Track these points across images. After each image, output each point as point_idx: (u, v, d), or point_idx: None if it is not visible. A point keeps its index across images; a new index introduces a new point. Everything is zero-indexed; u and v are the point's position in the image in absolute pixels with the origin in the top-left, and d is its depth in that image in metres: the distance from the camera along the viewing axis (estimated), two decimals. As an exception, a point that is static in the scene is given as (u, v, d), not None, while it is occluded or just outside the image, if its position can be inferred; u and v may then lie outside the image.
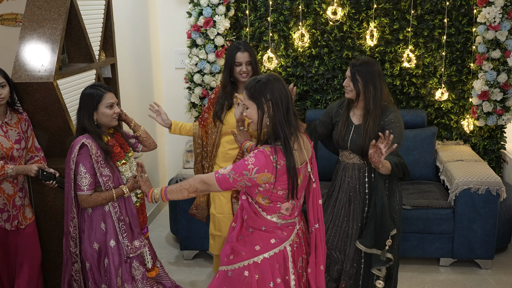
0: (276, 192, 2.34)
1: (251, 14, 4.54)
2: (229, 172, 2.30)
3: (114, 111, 2.91)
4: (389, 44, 4.48)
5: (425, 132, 4.38)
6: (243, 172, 2.28)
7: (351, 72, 3.07)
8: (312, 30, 4.52)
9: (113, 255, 2.89)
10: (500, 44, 4.19)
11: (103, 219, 2.90)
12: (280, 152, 2.29)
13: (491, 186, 3.79)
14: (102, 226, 2.90)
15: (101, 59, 3.79)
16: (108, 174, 2.87)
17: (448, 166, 4.13)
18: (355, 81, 3.04)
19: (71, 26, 3.43)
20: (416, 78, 4.51)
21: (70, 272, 2.99)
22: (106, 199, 2.86)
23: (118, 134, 3.06)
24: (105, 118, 2.89)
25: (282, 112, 2.31)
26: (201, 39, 4.42)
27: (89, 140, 2.83)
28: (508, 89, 4.25)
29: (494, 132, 4.50)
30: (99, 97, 2.87)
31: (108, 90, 2.92)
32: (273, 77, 2.36)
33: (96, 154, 2.83)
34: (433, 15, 4.39)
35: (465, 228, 3.86)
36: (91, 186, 2.84)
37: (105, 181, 2.86)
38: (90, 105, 2.87)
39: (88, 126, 2.86)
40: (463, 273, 3.91)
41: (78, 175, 2.83)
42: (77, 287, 3.00)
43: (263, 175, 2.27)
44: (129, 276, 2.95)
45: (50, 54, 3.13)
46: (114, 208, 2.90)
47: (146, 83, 4.83)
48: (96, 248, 2.90)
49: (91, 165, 2.82)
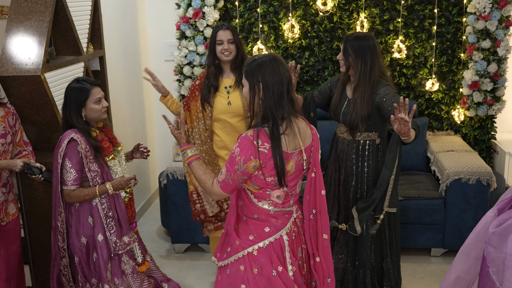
0: (264, 179, 2.26)
1: (240, 5, 4.50)
2: (225, 175, 2.25)
3: (103, 105, 2.87)
4: (380, 35, 4.47)
5: (416, 123, 4.38)
6: (235, 168, 2.22)
7: (343, 46, 3.08)
8: (302, 21, 4.50)
9: (101, 249, 2.86)
10: (490, 34, 4.19)
11: (90, 213, 2.87)
12: (265, 135, 2.21)
13: (482, 176, 3.80)
14: (89, 220, 2.87)
15: (89, 52, 3.75)
16: (96, 170, 2.84)
17: (439, 157, 4.14)
18: (347, 55, 3.05)
19: (58, 19, 3.38)
20: (406, 69, 4.51)
21: (58, 266, 2.97)
22: (89, 195, 2.82)
23: (107, 128, 3.03)
24: (94, 114, 2.85)
25: (274, 96, 2.22)
26: (191, 30, 4.38)
27: (78, 135, 2.79)
28: (498, 79, 4.26)
29: (484, 122, 4.51)
30: (86, 93, 2.81)
31: (95, 84, 2.87)
32: (270, 58, 2.27)
33: (86, 149, 2.79)
34: (423, 5, 4.38)
35: (456, 218, 3.88)
36: (76, 181, 2.81)
37: (93, 177, 2.83)
38: (77, 101, 2.81)
39: (76, 123, 2.81)
40: (454, 263, 3.93)
41: (63, 169, 2.80)
42: (65, 282, 2.98)
43: (251, 162, 2.20)
44: (118, 270, 2.93)
45: (37, 47, 3.09)
46: (101, 205, 2.86)
47: (135, 76, 4.79)
48: (84, 242, 2.88)
49: (78, 160, 2.79)
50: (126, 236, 2.95)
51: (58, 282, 3.00)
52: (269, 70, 2.22)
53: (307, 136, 2.34)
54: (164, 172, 4.11)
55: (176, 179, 4.00)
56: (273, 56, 2.29)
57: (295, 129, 2.27)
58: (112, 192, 2.86)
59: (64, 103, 2.87)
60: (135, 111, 4.81)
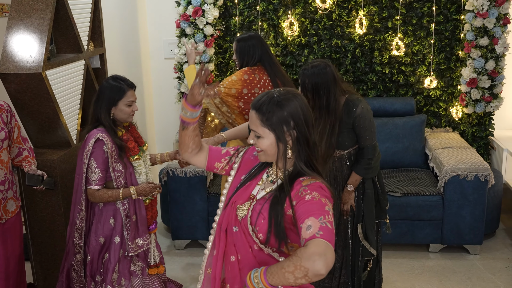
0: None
1: (240, 3, 4.52)
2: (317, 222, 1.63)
3: (133, 109, 2.83)
4: (378, 32, 4.49)
5: (414, 120, 4.40)
6: (326, 209, 1.68)
7: (300, 79, 2.99)
8: (302, 19, 4.52)
9: (114, 251, 2.85)
10: (488, 31, 4.21)
11: (113, 214, 2.85)
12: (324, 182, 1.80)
13: (480, 172, 3.83)
14: (111, 222, 2.86)
15: (89, 49, 3.77)
16: (120, 170, 2.81)
17: (437, 153, 4.17)
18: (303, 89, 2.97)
19: (59, 16, 3.40)
20: (405, 66, 4.53)
21: (70, 261, 2.96)
22: (112, 197, 2.79)
23: (133, 127, 2.97)
24: (122, 115, 2.82)
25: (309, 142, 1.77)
26: (190, 28, 4.40)
27: (105, 135, 2.76)
28: (496, 76, 4.28)
29: (482, 119, 4.54)
30: (121, 93, 2.78)
31: (131, 87, 2.84)
32: (294, 94, 1.79)
33: (111, 149, 2.77)
34: (421, 3, 4.40)
35: (454, 215, 3.91)
36: (100, 181, 2.79)
37: (117, 176, 2.81)
38: (110, 99, 2.77)
39: (104, 120, 2.78)
40: (452, 259, 3.96)
41: (89, 168, 2.78)
42: (76, 277, 2.97)
43: (330, 204, 1.73)
44: (127, 271, 2.91)
45: (38, 44, 3.10)
46: (123, 205, 2.84)
47: (136, 73, 4.81)
48: (101, 242, 2.87)
49: (104, 160, 2.77)
50: (140, 239, 2.91)
51: (68, 276, 2.99)
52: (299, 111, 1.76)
53: None
54: (164, 169, 4.14)
55: (176, 176, 4.02)
56: (292, 90, 1.82)
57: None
58: (136, 197, 2.82)
59: (96, 97, 2.83)
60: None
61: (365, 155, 3.02)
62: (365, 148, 3.02)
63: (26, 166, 3.04)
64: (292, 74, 4.62)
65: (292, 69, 4.63)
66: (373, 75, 4.55)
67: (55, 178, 3.23)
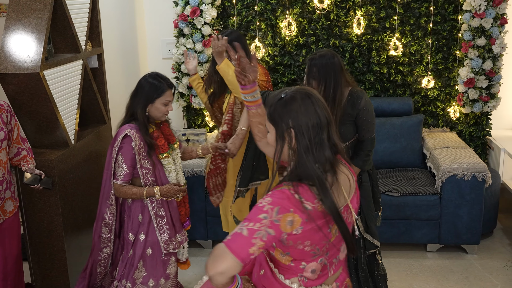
0: (301, 248, 1.72)
1: (238, 3, 4.53)
2: (241, 225, 1.65)
3: (168, 109, 2.83)
4: (376, 32, 4.50)
5: (412, 120, 4.41)
6: (258, 217, 1.63)
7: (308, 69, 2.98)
8: (299, 19, 4.52)
9: (139, 248, 2.84)
10: (485, 31, 4.22)
11: (141, 211, 2.85)
12: (308, 193, 1.68)
13: (477, 172, 3.84)
14: (139, 218, 2.86)
15: (87, 49, 3.77)
16: (148, 167, 2.80)
17: (434, 153, 4.18)
18: (312, 79, 2.96)
19: (56, 16, 3.40)
20: (402, 66, 4.54)
21: (96, 257, 2.96)
22: (136, 194, 2.78)
23: (165, 124, 2.96)
24: (157, 113, 2.81)
25: (311, 145, 1.69)
26: (188, 28, 4.40)
27: (134, 131, 2.76)
28: (493, 76, 4.29)
29: (479, 119, 4.55)
30: (160, 92, 2.78)
31: (171, 87, 2.84)
32: (302, 94, 1.73)
33: (139, 146, 2.76)
34: (419, 3, 4.41)
35: (451, 214, 3.92)
36: (126, 177, 2.79)
37: (144, 174, 2.79)
38: (148, 96, 2.78)
39: (139, 116, 2.78)
40: (449, 258, 3.97)
41: (116, 163, 2.78)
42: (101, 271, 2.97)
43: (288, 216, 1.64)
44: (163, 272, 2.91)
45: (36, 44, 3.10)
46: (151, 203, 2.82)
47: (133, 73, 4.81)
48: (131, 240, 2.86)
49: (131, 157, 2.76)
50: (179, 235, 2.92)
51: (91, 271, 2.99)
52: (302, 110, 1.70)
53: (352, 185, 1.84)
54: (162, 169, 4.14)
55: (174, 176, 4.03)
56: (305, 91, 1.76)
57: (340, 182, 1.75)
58: (159, 197, 2.80)
59: (135, 91, 2.84)
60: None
61: (364, 147, 3.05)
62: (366, 141, 3.05)
63: (24, 165, 3.04)
64: (290, 74, 4.62)
65: (290, 69, 4.63)
66: (371, 75, 4.56)
67: (53, 178, 3.23)
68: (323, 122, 1.71)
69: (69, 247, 3.44)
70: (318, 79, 2.92)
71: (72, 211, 3.49)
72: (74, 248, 3.53)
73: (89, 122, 3.99)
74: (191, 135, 4.20)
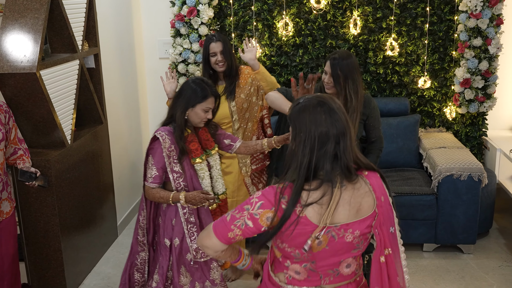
0: (283, 248, 1.79)
1: (235, 3, 4.53)
2: (231, 211, 1.81)
3: (207, 116, 2.76)
4: (372, 33, 4.51)
5: (408, 120, 4.42)
6: (244, 207, 1.77)
7: (331, 68, 3.02)
8: (296, 19, 4.53)
9: (175, 254, 2.78)
10: (481, 32, 4.23)
11: (175, 215, 2.79)
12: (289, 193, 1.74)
13: (473, 172, 3.85)
14: (173, 222, 2.80)
15: (84, 49, 3.77)
16: (179, 172, 2.72)
17: (431, 153, 4.19)
18: (336, 77, 3.00)
19: (53, 16, 3.40)
20: (399, 66, 4.55)
21: (133, 260, 2.92)
22: (163, 198, 2.70)
23: (204, 129, 2.86)
24: (196, 118, 2.75)
25: (311, 152, 1.71)
26: (185, 28, 4.40)
27: (165, 133, 2.70)
28: (489, 77, 4.31)
29: (476, 119, 4.56)
30: (203, 98, 2.71)
31: (214, 95, 2.76)
32: (315, 102, 1.76)
33: (169, 149, 2.69)
34: (415, 4, 4.42)
35: (447, 214, 3.93)
36: (156, 180, 2.71)
37: (175, 178, 2.72)
38: (190, 99, 2.71)
39: (177, 118, 2.72)
40: (446, 258, 3.98)
41: (147, 164, 2.74)
42: (138, 277, 2.91)
43: (268, 212, 1.73)
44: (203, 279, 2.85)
45: (32, 44, 3.10)
46: (183, 209, 2.76)
47: (130, 73, 4.81)
48: (166, 244, 2.82)
49: (160, 159, 2.69)
50: None
51: (130, 276, 2.94)
52: (311, 119, 1.72)
53: (363, 207, 1.79)
54: (159, 169, 4.13)
55: (171, 176, 4.02)
56: (321, 99, 1.77)
57: (336, 198, 1.73)
58: (184, 204, 2.71)
59: (178, 93, 2.78)
60: (130, 108, 4.83)
61: (377, 145, 3.22)
62: (378, 139, 3.22)
63: (20, 163, 3.04)
64: (286, 74, 4.63)
65: (286, 69, 4.64)
66: (367, 75, 4.57)
67: (49, 178, 3.23)
68: (331, 132, 1.71)
69: (65, 247, 3.44)
70: (344, 77, 2.98)
71: (68, 211, 3.49)
72: (71, 248, 3.53)
73: (86, 122, 3.99)
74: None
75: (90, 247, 3.86)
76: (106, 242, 4.17)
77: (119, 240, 4.36)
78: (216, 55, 3.34)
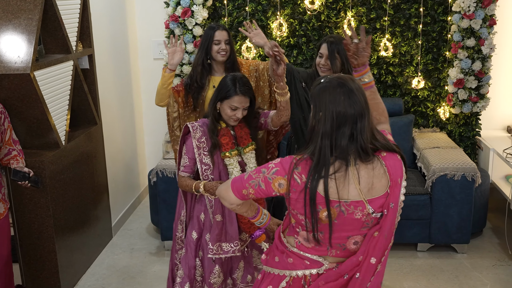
0: (295, 214, 1.91)
1: (229, 3, 4.53)
2: (249, 171, 1.96)
3: (236, 114, 2.68)
4: (366, 33, 4.51)
5: (403, 120, 4.44)
6: (261, 169, 1.91)
7: (328, 51, 3.03)
8: (290, 20, 4.54)
9: (207, 250, 2.77)
10: (474, 32, 4.25)
11: (204, 210, 2.79)
12: (307, 167, 1.83)
13: (467, 172, 3.87)
14: (201, 217, 2.81)
15: (78, 50, 3.76)
16: (208, 164, 2.71)
17: (425, 153, 4.20)
18: (333, 59, 3.03)
19: (47, 17, 3.39)
20: (393, 67, 4.57)
21: (173, 259, 2.93)
22: (188, 186, 2.71)
23: (241, 125, 2.78)
24: (224, 115, 2.71)
25: (331, 131, 1.81)
26: (179, 29, 4.40)
27: (197, 124, 2.71)
28: (483, 77, 4.33)
29: (469, 119, 4.58)
30: (228, 94, 2.66)
31: (243, 93, 2.66)
32: (335, 83, 1.84)
33: (199, 140, 2.69)
34: (409, 4, 4.44)
35: (441, 214, 3.94)
36: (187, 169, 2.72)
37: (204, 169, 2.70)
38: (219, 93, 2.69)
39: (209, 110, 2.73)
40: (440, 258, 4.00)
41: (181, 153, 2.75)
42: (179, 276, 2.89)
43: (280, 179, 1.87)
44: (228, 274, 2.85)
45: (26, 45, 3.09)
46: (210, 202, 2.75)
47: (124, 74, 4.80)
48: (193, 237, 2.81)
49: (190, 149, 2.70)
50: (227, 244, 2.76)
51: (173, 277, 2.93)
52: (331, 99, 1.82)
53: (376, 186, 1.86)
54: (153, 169, 4.13)
55: (165, 177, 4.02)
56: (342, 80, 1.86)
57: (351, 175, 1.82)
58: (203, 193, 2.68)
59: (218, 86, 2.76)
60: (124, 108, 4.83)
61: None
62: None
63: (13, 163, 3.03)
64: (281, 74, 4.63)
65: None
66: (362, 75, 4.58)
67: (43, 179, 3.22)
68: (349, 113, 1.80)
69: (60, 248, 3.44)
70: (341, 60, 3.02)
71: (63, 212, 3.48)
72: (65, 249, 3.53)
73: (80, 123, 3.98)
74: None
75: (85, 248, 3.86)
76: (100, 243, 4.16)
77: (114, 241, 4.35)
78: (220, 43, 3.20)
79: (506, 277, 3.72)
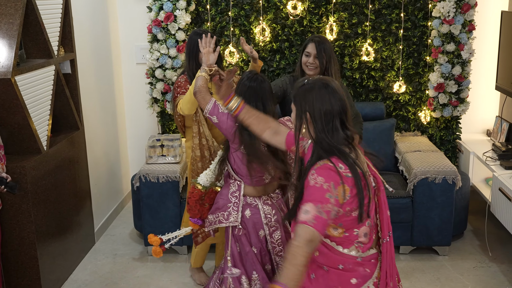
0: (350, 215, 1.97)
1: (212, 8, 4.54)
2: (314, 209, 1.87)
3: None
4: (348, 38, 4.56)
5: (384, 124, 4.48)
6: (325, 196, 1.88)
7: (317, 50, 3.20)
8: (273, 25, 4.56)
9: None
10: (454, 37, 4.32)
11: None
12: (341, 161, 1.96)
13: (447, 175, 3.92)
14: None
15: (60, 55, 3.74)
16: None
17: (406, 157, 4.25)
18: (321, 58, 3.19)
19: (28, 21, 3.37)
20: (374, 71, 4.61)
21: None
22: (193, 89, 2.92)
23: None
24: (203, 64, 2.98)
25: (326, 127, 1.99)
26: (162, 34, 4.40)
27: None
28: (463, 81, 4.39)
29: (450, 123, 4.64)
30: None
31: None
32: (319, 84, 2.02)
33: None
34: (390, 10, 4.49)
35: (423, 217, 3.98)
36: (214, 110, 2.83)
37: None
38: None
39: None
40: (422, 260, 4.04)
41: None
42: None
43: (341, 188, 1.92)
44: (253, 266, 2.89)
45: (7, 50, 3.07)
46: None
47: (107, 79, 4.78)
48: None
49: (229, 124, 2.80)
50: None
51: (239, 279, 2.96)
52: (317, 99, 1.99)
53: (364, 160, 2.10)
54: (136, 174, 4.12)
55: (148, 182, 4.01)
56: (324, 81, 2.05)
57: (358, 153, 2.05)
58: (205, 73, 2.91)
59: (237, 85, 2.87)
60: (107, 113, 4.80)
61: (358, 119, 3.43)
62: (356, 114, 3.44)
63: None
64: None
65: (264, 74, 4.65)
66: (344, 80, 4.62)
67: (25, 185, 3.19)
68: (335, 110, 1.99)
69: (41, 254, 3.41)
70: (327, 58, 3.22)
71: (44, 218, 3.46)
72: (47, 255, 3.50)
73: (62, 128, 3.95)
74: (166, 141, 4.19)
75: (67, 254, 3.83)
76: (83, 249, 4.13)
77: (96, 247, 4.32)
78: None
79: (487, 278, 3.78)
